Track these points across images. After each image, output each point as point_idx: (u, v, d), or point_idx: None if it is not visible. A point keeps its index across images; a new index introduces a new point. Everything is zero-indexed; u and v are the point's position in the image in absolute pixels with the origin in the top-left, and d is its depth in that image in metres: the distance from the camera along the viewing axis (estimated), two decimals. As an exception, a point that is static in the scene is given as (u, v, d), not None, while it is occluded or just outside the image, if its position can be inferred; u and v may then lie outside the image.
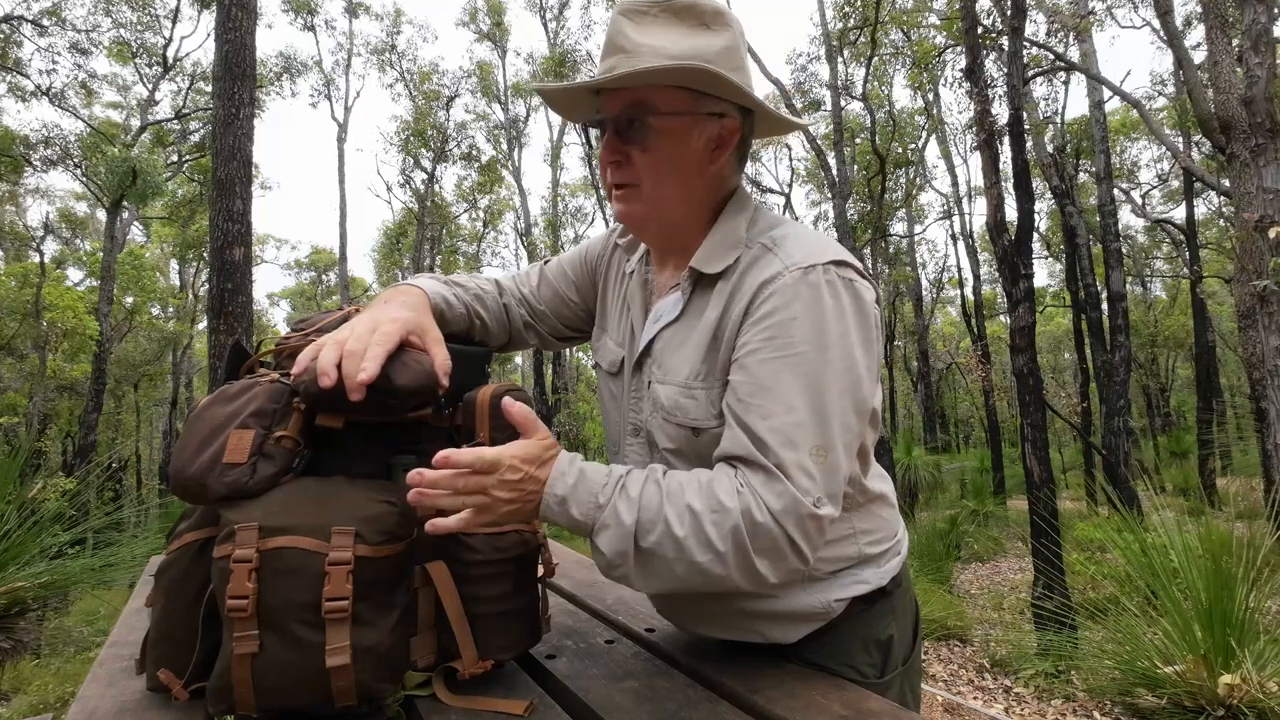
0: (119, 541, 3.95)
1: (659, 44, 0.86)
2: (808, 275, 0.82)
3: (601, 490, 0.80)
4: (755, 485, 0.78)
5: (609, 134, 0.90)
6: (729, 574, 0.78)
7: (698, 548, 0.77)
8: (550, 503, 0.80)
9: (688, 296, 0.93)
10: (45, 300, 14.31)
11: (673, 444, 0.92)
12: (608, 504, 0.80)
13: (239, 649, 0.73)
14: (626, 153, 0.90)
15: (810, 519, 0.78)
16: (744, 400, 0.81)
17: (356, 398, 0.78)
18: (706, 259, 0.91)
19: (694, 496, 0.79)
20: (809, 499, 0.77)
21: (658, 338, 0.95)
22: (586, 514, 0.80)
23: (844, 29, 13.56)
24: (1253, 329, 4.92)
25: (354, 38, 21.75)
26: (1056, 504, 5.55)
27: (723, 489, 0.79)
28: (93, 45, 14.53)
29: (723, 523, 0.77)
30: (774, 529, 0.77)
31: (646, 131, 0.88)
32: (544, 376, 19.66)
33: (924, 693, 4.09)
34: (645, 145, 0.89)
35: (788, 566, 0.79)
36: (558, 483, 0.80)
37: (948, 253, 43.90)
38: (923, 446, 15.90)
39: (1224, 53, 5.32)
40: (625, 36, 0.86)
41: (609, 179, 0.93)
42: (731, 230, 0.92)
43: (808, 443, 0.78)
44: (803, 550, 0.78)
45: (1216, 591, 2.48)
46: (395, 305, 0.91)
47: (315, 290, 29.03)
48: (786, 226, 0.91)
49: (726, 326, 0.86)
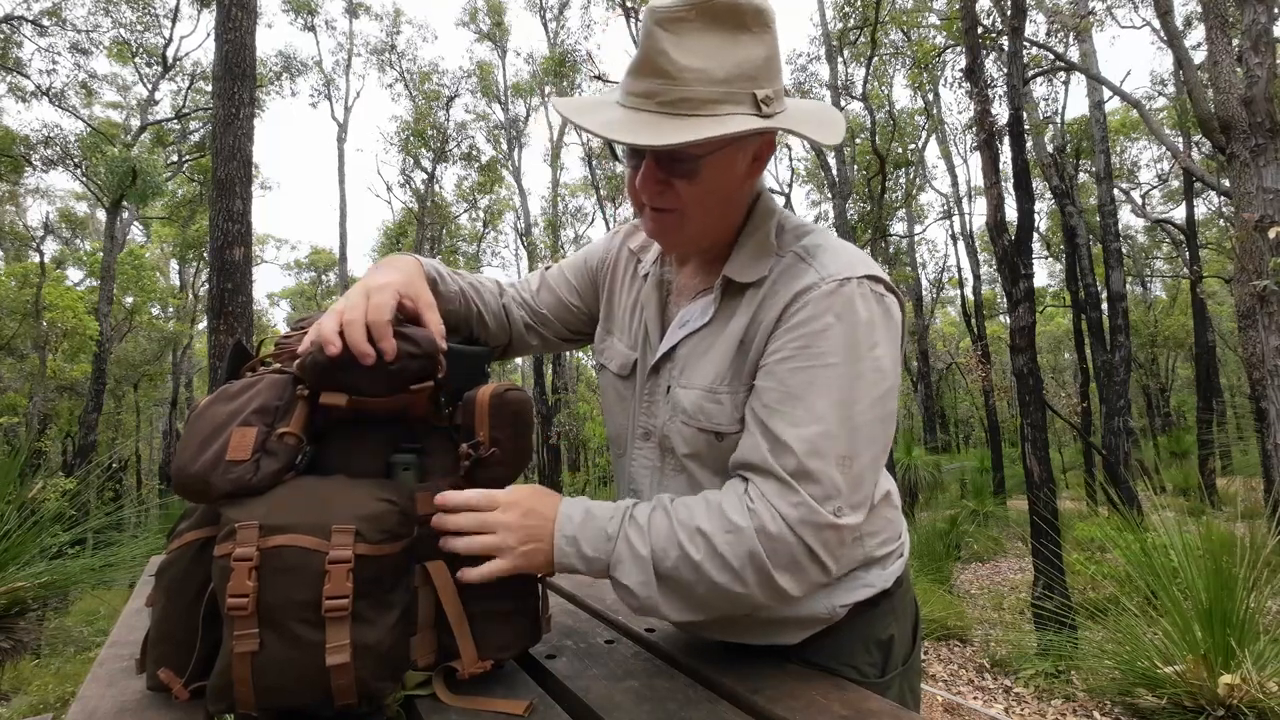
0: (119, 541, 3.95)
1: (704, 65, 0.79)
2: (843, 288, 0.81)
3: (609, 523, 0.82)
4: (769, 497, 0.78)
5: (649, 161, 0.85)
6: (750, 592, 0.78)
7: (715, 570, 0.77)
8: (562, 545, 0.82)
9: (718, 304, 0.92)
10: (45, 300, 14.31)
11: (692, 449, 0.91)
12: (618, 534, 0.81)
13: (239, 647, 0.73)
14: (669, 181, 0.85)
15: (830, 529, 0.77)
16: (770, 406, 0.81)
17: (368, 362, 0.80)
18: (741, 269, 0.90)
19: (703, 519, 0.79)
20: (829, 507, 0.77)
21: (683, 343, 0.94)
22: (599, 549, 0.81)
23: (844, 29, 13.56)
24: (1253, 329, 4.92)
25: (354, 38, 21.77)
26: (1056, 504, 5.55)
27: (732, 508, 0.79)
28: (93, 45, 14.54)
29: (737, 542, 0.77)
30: (791, 541, 0.76)
31: (694, 164, 0.83)
32: (544, 376, 19.65)
33: (924, 693, 4.09)
34: (692, 177, 0.84)
35: (809, 579, 0.79)
36: (566, 524, 0.83)
37: (948, 253, 43.96)
38: (923, 446, 15.89)
39: (1224, 53, 5.32)
40: (666, 57, 0.79)
41: (643, 199, 0.88)
42: (763, 237, 0.91)
43: (834, 452, 0.78)
44: (823, 561, 0.78)
45: (1216, 591, 2.48)
46: (387, 270, 0.91)
47: (315, 290, 29.03)
48: (817, 235, 0.90)
49: (756, 333, 0.86)
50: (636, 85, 0.81)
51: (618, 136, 0.79)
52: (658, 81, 0.80)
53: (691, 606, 0.81)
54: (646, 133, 0.78)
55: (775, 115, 0.83)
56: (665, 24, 0.79)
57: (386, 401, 0.86)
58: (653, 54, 0.79)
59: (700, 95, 0.79)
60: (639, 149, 0.85)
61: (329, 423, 0.88)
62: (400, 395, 0.85)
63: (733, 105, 0.80)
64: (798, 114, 0.87)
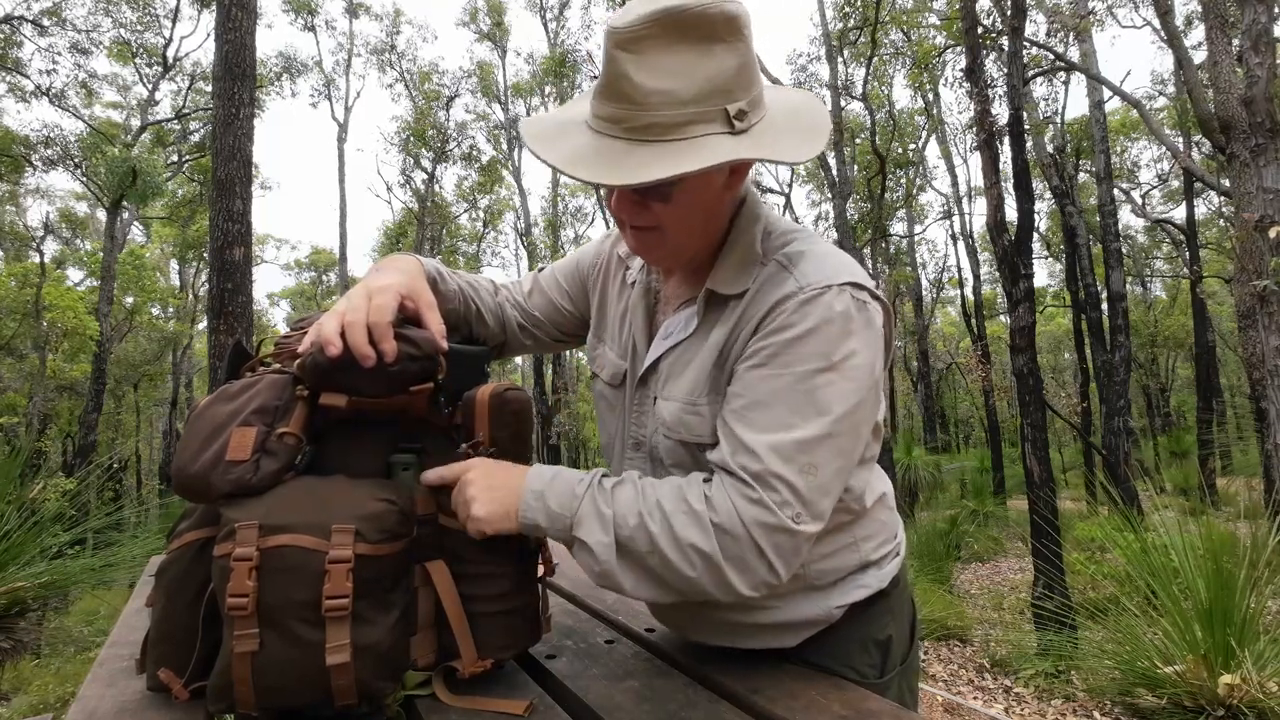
0: (119, 541, 3.95)
1: (671, 86, 0.74)
2: (822, 296, 0.80)
3: (579, 484, 0.83)
4: (729, 493, 0.78)
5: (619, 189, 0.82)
6: (698, 577, 0.78)
7: (667, 545, 0.77)
8: (528, 498, 0.82)
9: (700, 316, 0.91)
10: (45, 300, 14.30)
11: (675, 460, 0.91)
12: (584, 495, 0.82)
13: (239, 647, 0.73)
14: (644, 204, 0.84)
15: (783, 532, 0.76)
16: (737, 411, 0.81)
17: (369, 364, 0.80)
18: (724, 281, 0.88)
19: (665, 497, 0.80)
20: (787, 512, 0.76)
21: (666, 355, 0.93)
22: (564, 506, 0.81)
23: (844, 29, 13.55)
24: (1253, 329, 4.92)
25: (354, 38, 21.77)
26: (1056, 504, 5.55)
27: (693, 495, 0.79)
28: (93, 45, 14.54)
29: (689, 524, 0.77)
30: (742, 536, 0.76)
31: (668, 190, 0.81)
32: (544, 376, 19.65)
33: (924, 693, 4.09)
34: (667, 198, 0.82)
35: (756, 578, 0.78)
36: (535, 479, 0.84)
37: (948, 253, 43.94)
38: (923, 446, 15.89)
39: (1224, 53, 5.32)
40: (629, 81, 0.74)
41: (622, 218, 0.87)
42: (747, 246, 0.89)
43: (797, 459, 0.77)
44: (773, 563, 0.77)
45: (1216, 591, 2.48)
46: (387, 272, 0.91)
47: (315, 290, 29.03)
48: (801, 241, 0.88)
49: (735, 343, 0.85)
50: (603, 109, 0.78)
51: (582, 175, 0.76)
52: (622, 107, 0.76)
53: (647, 580, 0.80)
54: (611, 170, 0.75)
55: (751, 128, 0.79)
56: (625, 45, 0.74)
57: (386, 402, 0.86)
58: (615, 78, 0.75)
59: (667, 120, 0.75)
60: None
61: (328, 423, 0.88)
62: (400, 396, 0.85)
63: (704, 125, 0.76)
64: (778, 120, 0.83)
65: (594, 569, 0.81)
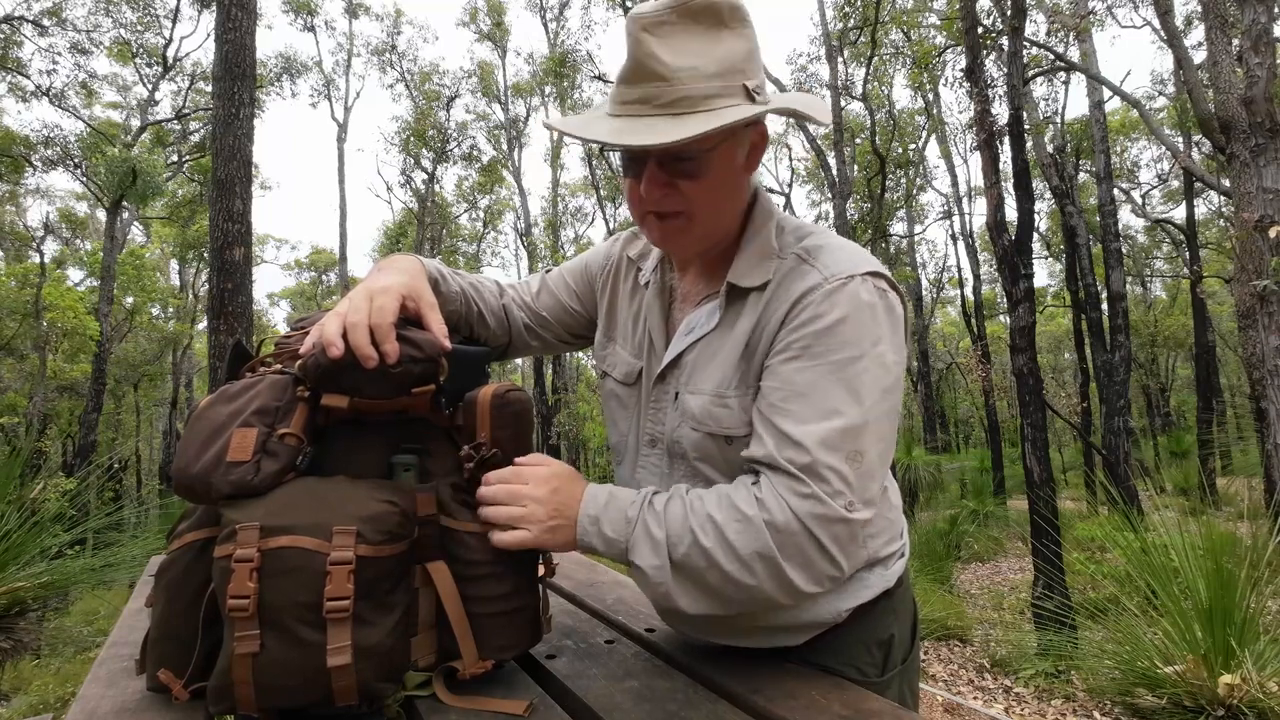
0: (119, 541, 3.95)
1: (694, 62, 0.80)
2: (846, 285, 0.82)
3: (630, 507, 0.84)
4: (780, 490, 0.78)
5: (652, 165, 0.85)
6: (759, 584, 0.78)
7: (725, 558, 0.78)
8: (585, 524, 0.84)
9: (723, 309, 0.92)
10: (45, 300, 14.30)
11: (702, 453, 0.92)
12: (637, 518, 0.82)
13: (240, 648, 0.73)
14: (673, 184, 0.86)
15: (840, 523, 0.77)
16: (776, 405, 0.81)
17: (371, 365, 0.80)
18: (745, 273, 0.90)
19: (714, 508, 0.80)
20: (840, 502, 0.77)
21: (690, 349, 0.94)
22: (618, 531, 0.83)
23: (844, 29, 13.55)
24: (1253, 329, 4.92)
25: (354, 38, 21.76)
26: (1056, 504, 5.55)
27: (741, 499, 0.79)
28: (93, 45, 14.54)
29: (745, 531, 0.77)
30: (800, 532, 0.77)
31: (698, 162, 0.84)
32: (544, 377, 19.66)
33: (924, 693, 4.09)
34: (695, 175, 0.85)
35: (820, 572, 0.78)
36: (591, 504, 0.85)
37: (948, 253, 43.91)
38: (923, 446, 15.90)
39: (1224, 53, 5.32)
40: (658, 60, 0.80)
41: (647, 206, 0.88)
42: (765, 240, 0.91)
43: (843, 447, 0.78)
44: (834, 555, 0.78)
45: (1216, 591, 2.48)
46: (389, 272, 0.91)
47: (315, 290, 29.03)
48: (818, 235, 0.91)
49: (761, 336, 0.86)
50: (630, 93, 0.82)
51: (629, 141, 0.79)
52: (653, 85, 0.80)
53: (705, 597, 0.81)
54: (653, 135, 0.78)
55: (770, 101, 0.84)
56: (651, 28, 0.80)
57: (387, 403, 0.86)
58: (644, 58, 0.80)
59: (697, 92, 0.80)
60: (641, 156, 0.85)
61: (329, 424, 0.88)
62: (402, 397, 0.86)
63: (728, 98, 0.81)
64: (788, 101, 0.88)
65: (650, 593, 0.83)
